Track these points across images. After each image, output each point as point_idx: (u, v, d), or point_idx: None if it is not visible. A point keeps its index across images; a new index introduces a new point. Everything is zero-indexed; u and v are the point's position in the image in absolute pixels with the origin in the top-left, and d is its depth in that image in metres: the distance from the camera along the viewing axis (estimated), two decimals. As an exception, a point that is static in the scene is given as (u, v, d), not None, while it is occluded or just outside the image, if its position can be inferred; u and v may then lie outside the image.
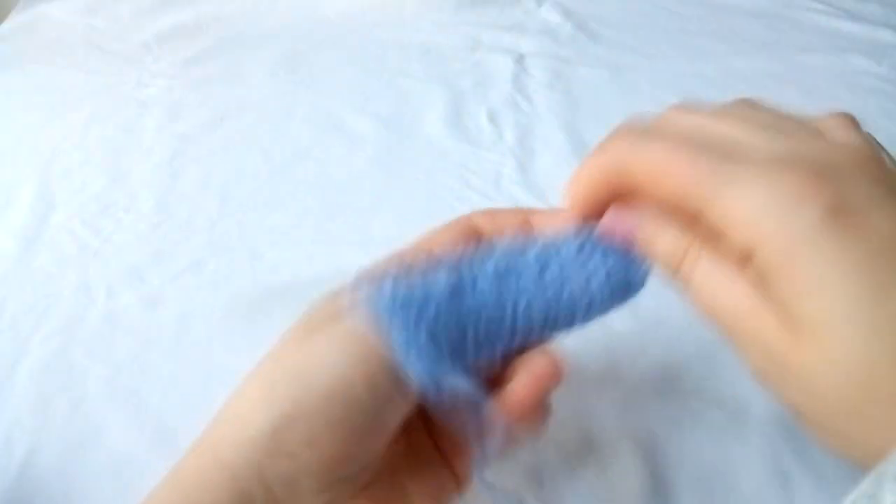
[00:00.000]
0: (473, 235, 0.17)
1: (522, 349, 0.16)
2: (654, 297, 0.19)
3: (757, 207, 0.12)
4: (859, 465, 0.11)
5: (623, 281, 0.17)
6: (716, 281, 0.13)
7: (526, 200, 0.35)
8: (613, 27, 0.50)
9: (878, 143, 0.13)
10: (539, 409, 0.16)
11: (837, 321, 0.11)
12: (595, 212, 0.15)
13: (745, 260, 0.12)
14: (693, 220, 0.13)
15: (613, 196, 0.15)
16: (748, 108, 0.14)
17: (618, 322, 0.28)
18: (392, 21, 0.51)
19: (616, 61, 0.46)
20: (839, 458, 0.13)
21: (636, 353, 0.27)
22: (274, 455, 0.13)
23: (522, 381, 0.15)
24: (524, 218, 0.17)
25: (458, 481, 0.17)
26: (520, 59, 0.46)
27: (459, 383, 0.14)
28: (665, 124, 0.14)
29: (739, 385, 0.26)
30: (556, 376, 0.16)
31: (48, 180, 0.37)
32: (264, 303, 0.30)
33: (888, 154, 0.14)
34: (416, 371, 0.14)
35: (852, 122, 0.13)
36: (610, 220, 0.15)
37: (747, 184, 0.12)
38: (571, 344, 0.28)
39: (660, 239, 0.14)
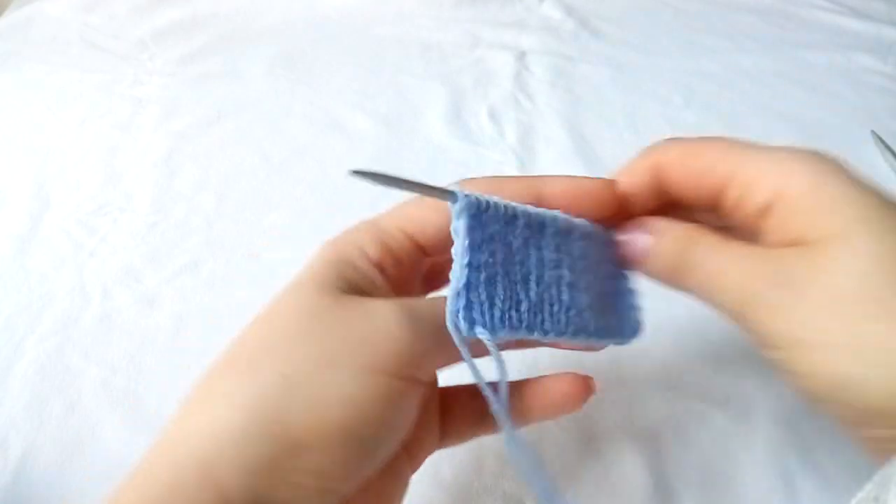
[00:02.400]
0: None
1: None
2: (657, 297, 0.18)
3: (783, 156, 0.14)
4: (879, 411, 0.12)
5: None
6: (728, 252, 0.14)
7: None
8: (616, 24, 0.49)
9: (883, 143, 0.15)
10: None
11: (860, 224, 0.13)
12: (640, 199, 0.16)
13: (766, 210, 0.14)
14: (713, 201, 0.15)
15: (652, 189, 0.16)
16: None
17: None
18: (391, 17, 0.50)
19: (618, 58, 0.46)
20: (850, 431, 0.13)
21: (639, 354, 0.27)
22: (275, 482, 0.13)
23: (543, 400, 0.17)
24: (535, 191, 0.16)
25: (413, 464, 0.17)
26: (521, 57, 0.46)
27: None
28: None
29: (743, 386, 0.26)
30: (576, 403, 0.17)
31: (43, 179, 0.37)
32: (261, 304, 0.30)
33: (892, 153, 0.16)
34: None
35: None
36: (628, 230, 0.16)
37: (772, 147, 0.15)
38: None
39: (669, 230, 0.16)
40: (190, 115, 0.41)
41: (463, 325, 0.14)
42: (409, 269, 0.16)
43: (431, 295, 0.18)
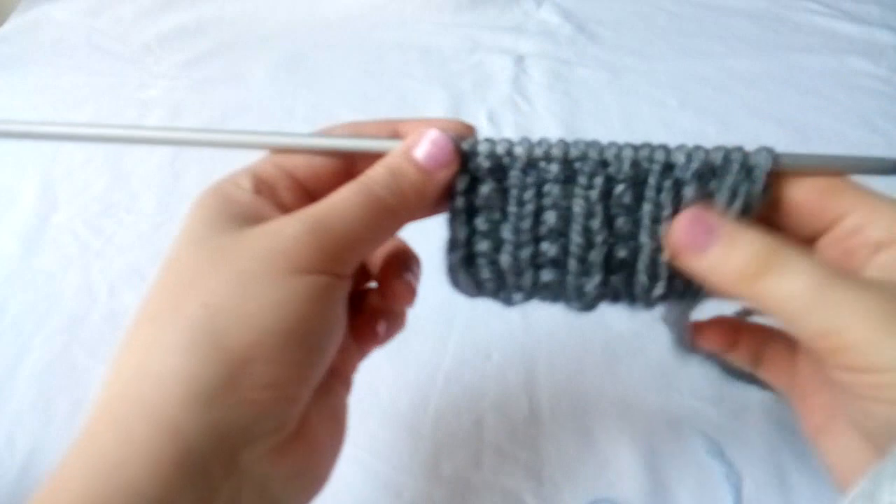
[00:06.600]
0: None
1: None
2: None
3: None
4: None
5: None
6: (821, 275, 0.14)
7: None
8: (612, 28, 0.50)
9: None
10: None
11: None
12: None
13: (879, 247, 0.15)
14: (822, 228, 0.15)
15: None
16: None
17: (616, 322, 0.28)
18: (392, 22, 0.51)
19: (615, 62, 0.46)
20: None
21: (635, 353, 0.27)
22: (230, 407, 0.12)
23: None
24: (391, 129, 0.17)
25: (347, 387, 0.18)
26: (519, 61, 0.47)
27: None
28: None
29: (737, 384, 0.26)
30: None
31: (50, 181, 0.37)
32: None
33: None
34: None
35: None
36: (688, 220, 0.15)
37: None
38: (571, 345, 0.28)
39: (744, 235, 0.15)
40: (194, 117, 0.42)
41: None
42: (299, 194, 0.16)
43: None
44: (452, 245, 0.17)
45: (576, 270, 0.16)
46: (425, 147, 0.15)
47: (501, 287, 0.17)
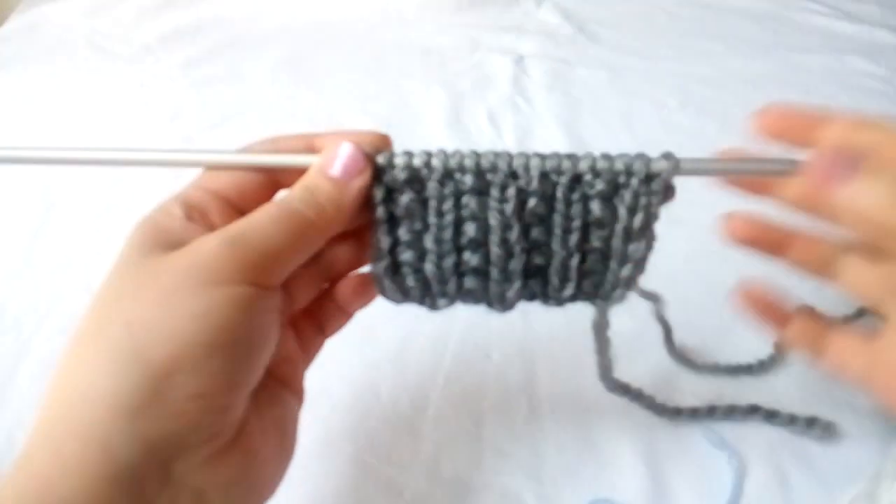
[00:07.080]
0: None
1: None
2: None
3: None
4: None
5: None
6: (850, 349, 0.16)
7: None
8: (612, 28, 0.50)
9: None
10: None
11: None
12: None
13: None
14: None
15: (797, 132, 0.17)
16: None
17: (616, 322, 0.28)
18: (392, 22, 0.51)
19: (615, 62, 0.46)
20: None
21: (635, 353, 0.27)
22: (158, 419, 0.13)
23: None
24: (307, 143, 0.17)
25: (299, 398, 0.18)
26: (519, 61, 0.47)
27: None
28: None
29: (737, 385, 0.26)
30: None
31: (50, 180, 0.37)
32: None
33: None
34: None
35: None
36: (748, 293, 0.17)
37: None
38: (571, 345, 0.28)
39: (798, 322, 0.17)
40: (195, 117, 0.42)
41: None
42: (230, 214, 0.16)
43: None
44: (377, 255, 0.17)
45: (498, 278, 0.17)
46: (338, 160, 0.16)
47: (427, 293, 0.18)
